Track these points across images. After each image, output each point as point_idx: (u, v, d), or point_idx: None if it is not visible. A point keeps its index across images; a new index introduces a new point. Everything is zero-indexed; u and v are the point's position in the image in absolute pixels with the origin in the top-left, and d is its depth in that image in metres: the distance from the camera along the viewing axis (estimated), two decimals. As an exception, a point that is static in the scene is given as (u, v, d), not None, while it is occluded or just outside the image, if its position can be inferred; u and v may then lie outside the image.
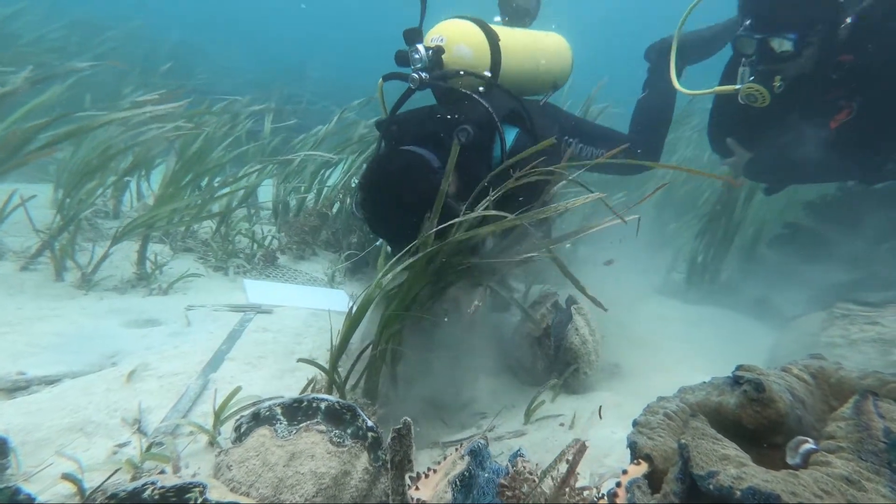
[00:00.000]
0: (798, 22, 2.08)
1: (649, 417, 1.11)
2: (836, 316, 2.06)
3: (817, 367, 1.06)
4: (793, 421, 0.95)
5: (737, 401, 1.00)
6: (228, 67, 9.91)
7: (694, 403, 1.10)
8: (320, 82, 10.57)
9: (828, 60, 2.22)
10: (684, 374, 2.25)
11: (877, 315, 1.96)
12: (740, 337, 2.80)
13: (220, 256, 3.20)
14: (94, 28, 8.39)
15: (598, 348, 2.12)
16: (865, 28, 2.12)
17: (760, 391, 0.96)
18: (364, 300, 1.74)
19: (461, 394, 2.12)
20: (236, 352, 1.97)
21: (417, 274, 1.73)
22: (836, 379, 1.03)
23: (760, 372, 1.03)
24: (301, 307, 2.55)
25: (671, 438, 1.05)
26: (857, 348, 1.90)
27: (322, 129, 4.94)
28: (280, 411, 1.41)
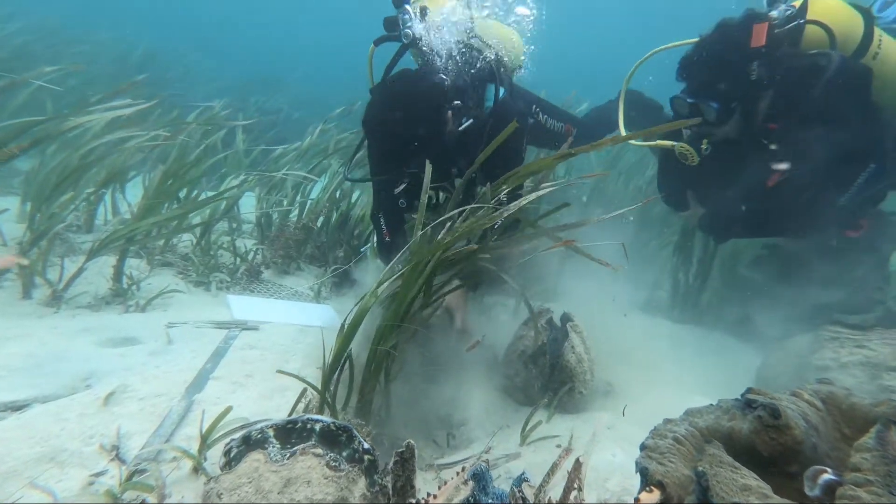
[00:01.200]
0: (718, 94, 2.26)
1: (658, 441, 1.07)
2: (826, 338, 2.09)
3: (827, 393, 1.04)
4: (808, 449, 0.93)
5: (751, 426, 0.97)
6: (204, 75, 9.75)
7: (704, 428, 1.07)
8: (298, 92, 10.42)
9: (755, 128, 2.39)
10: (677, 394, 2.26)
11: (863, 338, 2.00)
12: (727, 357, 2.84)
13: (202, 271, 3.10)
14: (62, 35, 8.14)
15: (594, 367, 2.10)
16: (784, 100, 2.30)
17: (776, 417, 0.94)
18: (358, 313, 1.69)
19: (454, 414, 2.07)
20: (222, 371, 1.88)
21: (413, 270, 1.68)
22: (848, 405, 1.01)
23: (772, 396, 1.01)
24: (288, 323, 2.47)
25: (683, 464, 1.02)
26: (848, 371, 1.92)
27: (305, 142, 4.90)
28: (272, 434, 1.34)
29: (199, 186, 4.00)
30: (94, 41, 8.60)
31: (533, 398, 2.12)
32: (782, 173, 2.40)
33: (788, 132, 2.34)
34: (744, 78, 2.23)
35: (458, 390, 2.16)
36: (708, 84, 2.29)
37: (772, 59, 2.23)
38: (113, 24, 10.69)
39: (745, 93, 2.28)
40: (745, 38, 2.20)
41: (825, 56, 2.27)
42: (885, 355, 1.87)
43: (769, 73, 2.24)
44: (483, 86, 2.54)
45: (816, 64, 2.26)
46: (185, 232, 3.37)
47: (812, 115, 2.29)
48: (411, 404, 2.04)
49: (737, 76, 2.24)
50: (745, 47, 2.20)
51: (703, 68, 2.31)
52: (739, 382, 2.53)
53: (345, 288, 3.29)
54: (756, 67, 2.22)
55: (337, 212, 3.74)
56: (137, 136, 3.42)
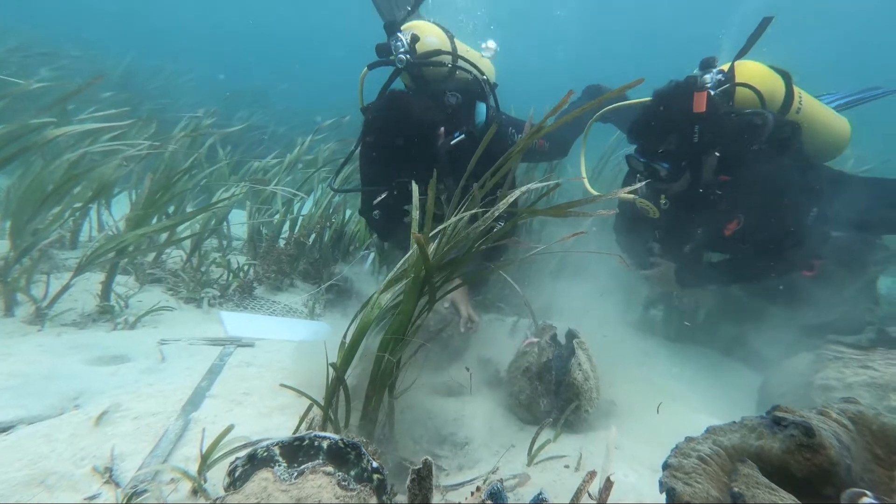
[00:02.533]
0: (667, 156, 2.45)
1: (682, 461, 1.04)
2: (829, 358, 2.09)
3: (856, 412, 1.02)
4: (843, 470, 0.90)
5: (783, 445, 0.94)
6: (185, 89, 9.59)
7: (729, 446, 1.04)
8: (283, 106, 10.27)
9: (706, 181, 2.56)
10: (681, 412, 2.24)
11: (866, 359, 2.00)
12: (725, 376, 2.85)
13: (193, 287, 3.02)
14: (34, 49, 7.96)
15: (599, 385, 2.08)
16: (730, 156, 2.49)
17: (810, 436, 0.91)
18: (360, 327, 1.65)
19: (458, 432, 2.02)
20: (218, 388, 1.81)
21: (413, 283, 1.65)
22: (879, 426, 0.99)
23: (800, 414, 0.99)
24: (283, 340, 2.40)
25: (710, 484, 0.97)
26: (854, 392, 1.92)
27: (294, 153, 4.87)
28: (279, 452, 1.28)
29: (187, 200, 3.95)
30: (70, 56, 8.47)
31: (538, 416, 2.08)
32: (738, 222, 2.57)
33: (738, 184, 2.53)
34: (689, 140, 2.40)
35: (462, 408, 2.11)
36: (657, 147, 2.47)
37: (712, 122, 2.40)
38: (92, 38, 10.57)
39: (692, 153, 2.45)
40: (688, 106, 2.37)
41: (759, 115, 2.48)
42: (890, 375, 1.88)
43: (712, 134, 2.41)
44: (473, 104, 2.69)
45: (752, 122, 2.46)
46: (174, 244, 3.30)
47: (756, 167, 2.48)
48: (414, 422, 1.99)
49: (682, 139, 2.41)
50: (688, 113, 2.37)
51: (651, 133, 2.50)
52: (741, 401, 2.55)
53: (339, 304, 3.24)
54: (698, 130, 2.39)
55: (330, 228, 3.71)
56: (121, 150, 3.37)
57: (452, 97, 2.51)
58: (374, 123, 2.39)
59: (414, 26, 2.67)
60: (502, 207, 1.70)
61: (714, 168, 2.54)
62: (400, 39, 2.44)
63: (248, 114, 8.07)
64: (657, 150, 2.47)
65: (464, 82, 2.71)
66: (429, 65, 2.55)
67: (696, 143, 2.42)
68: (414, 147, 2.29)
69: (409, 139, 2.29)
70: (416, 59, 2.50)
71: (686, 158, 2.46)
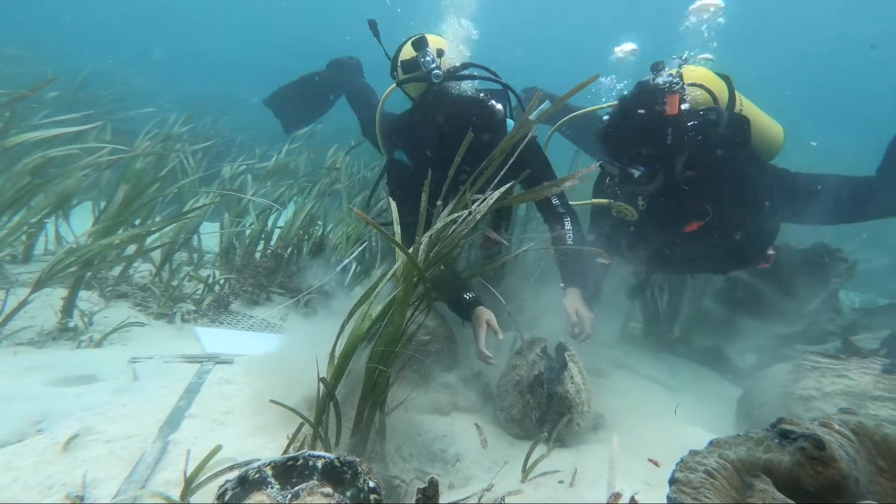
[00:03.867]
0: (642, 159, 2.53)
1: (689, 475, 1.02)
2: (807, 368, 2.15)
3: (856, 423, 1.03)
4: (852, 483, 0.90)
5: (793, 458, 0.94)
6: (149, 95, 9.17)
7: (736, 460, 1.03)
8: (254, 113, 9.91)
9: (676, 178, 2.67)
10: (669, 425, 2.26)
11: (842, 368, 2.06)
12: (706, 386, 2.91)
13: (164, 303, 2.87)
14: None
15: (590, 398, 2.08)
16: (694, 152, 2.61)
17: (821, 448, 0.91)
18: (350, 341, 1.60)
19: (448, 449, 1.97)
20: (197, 408, 1.70)
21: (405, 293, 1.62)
22: (881, 437, 1.00)
23: (807, 426, 0.99)
24: (262, 355, 2.30)
25: (719, 499, 0.96)
26: (832, 401, 1.97)
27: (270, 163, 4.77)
28: (271, 473, 1.21)
29: (156, 211, 3.78)
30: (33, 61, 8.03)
31: (529, 431, 2.06)
32: (704, 219, 2.69)
33: (703, 178, 2.64)
34: (663, 142, 2.49)
35: (452, 424, 2.06)
36: (632, 151, 2.53)
37: (682, 123, 2.50)
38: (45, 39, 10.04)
39: (665, 154, 2.54)
40: (661, 109, 2.45)
41: (714, 111, 2.61)
42: (865, 384, 1.95)
43: (680, 134, 2.51)
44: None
45: (709, 118, 2.57)
46: (142, 255, 3.14)
47: (717, 161, 2.60)
48: (404, 438, 1.93)
49: (656, 142, 2.49)
50: (661, 116, 2.46)
51: (625, 138, 2.55)
52: (722, 412, 2.59)
53: (317, 317, 3.14)
54: (671, 132, 2.48)
55: (308, 240, 3.62)
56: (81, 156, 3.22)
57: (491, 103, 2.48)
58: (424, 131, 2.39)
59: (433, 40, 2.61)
60: (483, 210, 1.70)
61: (683, 163, 2.63)
62: (430, 55, 2.40)
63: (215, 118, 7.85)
64: (632, 154, 2.52)
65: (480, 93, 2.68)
66: (461, 78, 2.53)
67: (669, 144, 2.49)
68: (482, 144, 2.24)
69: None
70: (449, 74, 2.47)
71: (660, 160, 2.53)
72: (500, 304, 2.07)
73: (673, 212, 2.72)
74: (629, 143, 2.53)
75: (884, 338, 3.02)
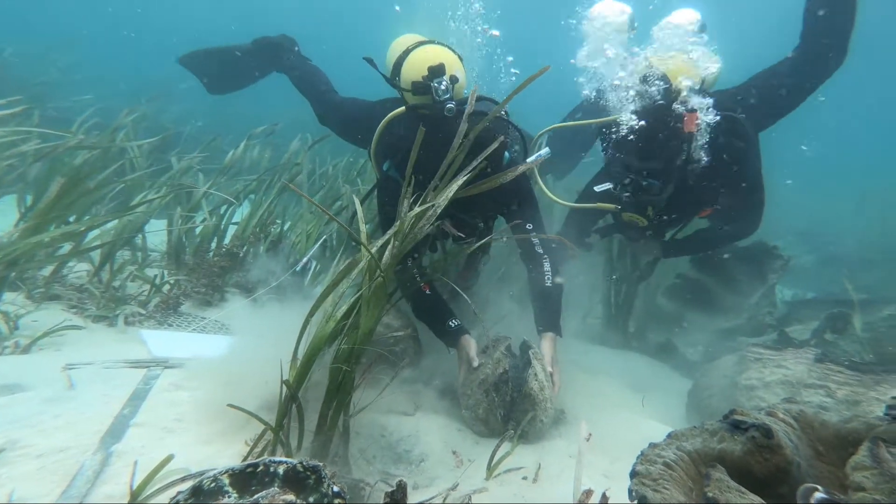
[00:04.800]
0: (659, 173, 2.59)
1: (649, 468, 1.04)
2: (750, 359, 2.28)
3: (798, 412, 1.08)
4: (796, 468, 0.95)
5: (744, 448, 0.98)
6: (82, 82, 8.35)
7: (692, 451, 1.06)
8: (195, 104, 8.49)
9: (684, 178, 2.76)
10: (627, 417, 2.33)
11: (780, 358, 2.20)
12: (660, 380, 3.03)
13: (104, 304, 2.67)
14: None
15: (553, 395, 2.11)
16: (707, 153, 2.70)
17: (770, 437, 0.94)
18: (315, 343, 1.55)
19: (413, 450, 1.94)
20: (145, 416, 1.59)
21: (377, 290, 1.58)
22: (820, 423, 1.05)
23: (756, 416, 1.03)
24: (215, 358, 2.18)
25: (677, 490, 0.99)
26: (772, 390, 2.11)
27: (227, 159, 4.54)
28: (228, 482, 1.14)
29: (97, 207, 3.51)
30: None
31: (495, 429, 2.07)
32: (713, 208, 2.83)
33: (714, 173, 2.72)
34: (678, 157, 2.57)
35: (416, 424, 2.04)
36: (649, 166, 2.56)
37: (693, 138, 2.58)
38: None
39: (680, 168, 2.62)
40: (680, 127, 2.50)
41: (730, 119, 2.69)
42: (800, 373, 2.09)
43: (695, 148, 2.60)
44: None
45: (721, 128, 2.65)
46: (81, 254, 2.90)
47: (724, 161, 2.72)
48: (368, 440, 1.89)
49: (672, 157, 2.56)
50: (678, 134, 2.52)
51: (642, 155, 2.57)
52: (673, 404, 2.71)
53: (275, 317, 3.02)
54: (686, 147, 2.57)
55: (265, 238, 3.48)
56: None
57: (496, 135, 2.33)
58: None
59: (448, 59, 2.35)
60: (443, 203, 1.69)
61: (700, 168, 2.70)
62: (444, 82, 2.21)
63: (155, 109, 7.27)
64: (646, 170, 2.55)
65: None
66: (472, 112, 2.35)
67: (685, 159, 2.58)
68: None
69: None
70: (460, 106, 2.22)
71: (674, 174, 2.59)
72: (466, 304, 2.07)
73: (685, 208, 2.86)
74: (645, 159, 2.55)
75: (813, 329, 3.26)
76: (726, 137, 2.69)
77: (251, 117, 6.70)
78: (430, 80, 2.19)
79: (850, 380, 1.98)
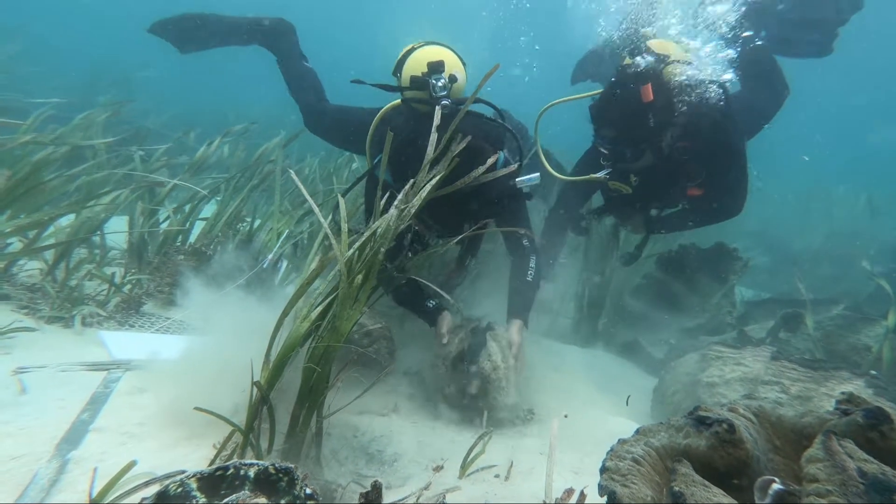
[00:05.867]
0: (628, 141, 2.72)
1: (618, 463, 1.07)
2: (712, 357, 2.38)
3: (757, 407, 1.12)
4: (755, 462, 0.99)
5: (708, 442, 1.01)
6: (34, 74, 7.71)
7: (659, 447, 1.09)
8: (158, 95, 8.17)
9: (669, 151, 2.85)
10: (595, 415, 2.39)
11: (740, 356, 2.30)
12: (628, 378, 3.12)
13: (59, 305, 2.53)
14: None
15: (511, 375, 2.17)
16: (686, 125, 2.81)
17: (732, 432, 0.98)
18: (289, 342, 1.52)
19: (386, 449, 1.94)
20: (105, 420, 1.52)
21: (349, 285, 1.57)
22: (776, 418, 1.10)
23: (719, 412, 1.07)
24: (181, 359, 2.10)
25: (645, 485, 1.02)
26: (731, 387, 2.20)
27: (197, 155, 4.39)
28: (195, 486, 1.11)
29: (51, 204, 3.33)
30: None
31: (456, 405, 2.15)
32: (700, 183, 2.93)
33: (698, 147, 2.83)
34: (645, 125, 2.66)
35: (389, 423, 2.03)
36: (618, 135, 2.69)
37: (662, 105, 2.66)
38: None
39: (649, 136, 2.71)
40: (637, 97, 2.60)
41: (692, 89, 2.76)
42: (757, 370, 2.20)
43: (663, 115, 2.68)
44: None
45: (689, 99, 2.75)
46: (32, 253, 2.75)
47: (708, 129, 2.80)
48: (339, 440, 1.87)
49: (638, 125, 2.66)
50: (639, 104, 2.61)
51: (609, 124, 2.71)
52: (640, 400, 2.79)
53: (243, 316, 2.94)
54: (651, 116, 2.65)
55: (235, 236, 3.39)
56: None
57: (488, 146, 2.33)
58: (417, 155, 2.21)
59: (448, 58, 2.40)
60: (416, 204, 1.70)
61: (675, 139, 2.79)
62: (442, 79, 2.27)
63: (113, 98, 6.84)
64: (618, 137, 2.67)
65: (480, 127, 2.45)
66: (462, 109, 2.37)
67: (650, 128, 2.65)
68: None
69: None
70: (455, 103, 2.29)
71: (645, 140, 2.69)
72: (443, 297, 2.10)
73: (666, 180, 2.92)
74: (613, 128, 2.68)
75: (769, 328, 3.43)
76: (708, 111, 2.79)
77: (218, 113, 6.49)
78: (428, 76, 2.24)
79: (803, 376, 2.09)
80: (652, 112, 2.64)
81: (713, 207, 3.09)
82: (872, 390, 1.97)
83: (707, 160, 2.87)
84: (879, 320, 3.08)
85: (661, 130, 2.74)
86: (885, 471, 0.82)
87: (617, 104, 2.67)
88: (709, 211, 3.14)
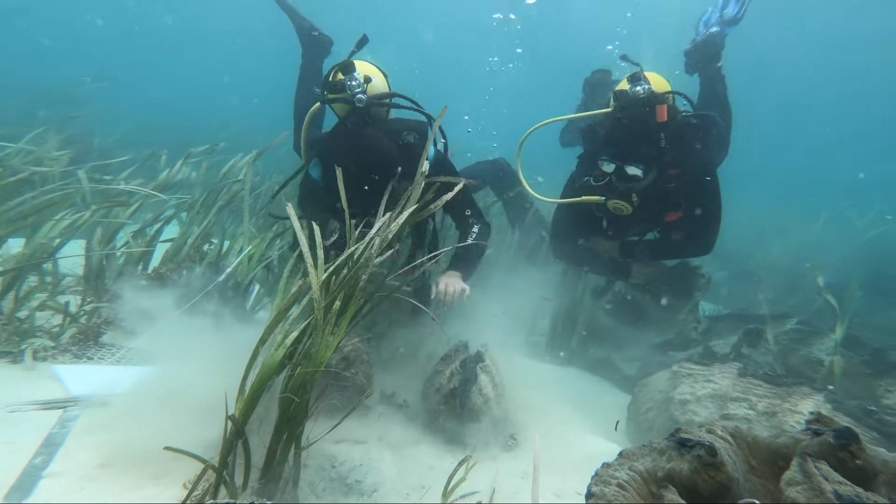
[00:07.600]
0: (642, 158, 2.91)
1: (604, 489, 1.07)
2: (683, 375, 2.43)
3: (734, 428, 1.14)
4: (735, 484, 1.00)
5: (691, 466, 1.01)
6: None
7: (643, 471, 1.09)
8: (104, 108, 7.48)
9: (663, 175, 3.07)
10: (574, 434, 2.40)
11: (709, 373, 2.37)
12: (602, 395, 3.16)
13: (7, 338, 2.36)
14: None
15: (502, 402, 2.21)
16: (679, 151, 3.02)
17: (713, 455, 0.99)
18: (264, 371, 1.47)
19: (365, 479, 1.88)
20: (61, 464, 1.41)
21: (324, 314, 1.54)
22: (752, 439, 1.11)
23: (698, 434, 1.08)
24: (147, 394, 1.99)
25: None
26: (702, 404, 2.25)
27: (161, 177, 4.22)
28: (167, 534, 1.04)
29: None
30: None
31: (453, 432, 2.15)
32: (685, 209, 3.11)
33: (686, 174, 3.05)
34: (657, 145, 2.87)
35: (369, 451, 1.98)
36: (633, 152, 2.89)
37: (671, 127, 2.88)
38: None
39: (658, 156, 2.91)
40: (652, 117, 2.82)
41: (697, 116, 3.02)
42: (725, 387, 2.27)
43: (670, 137, 2.89)
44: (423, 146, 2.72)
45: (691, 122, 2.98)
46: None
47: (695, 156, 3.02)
48: (316, 472, 1.80)
49: (652, 145, 2.87)
50: (654, 124, 2.82)
51: (626, 141, 2.90)
52: (616, 417, 2.82)
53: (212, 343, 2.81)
54: (664, 136, 2.86)
55: (202, 260, 3.26)
56: None
57: (410, 136, 2.54)
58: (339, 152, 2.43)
59: (361, 66, 2.69)
60: (395, 229, 1.75)
61: (669, 164, 2.99)
62: (356, 79, 2.47)
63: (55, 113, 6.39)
64: (632, 155, 2.86)
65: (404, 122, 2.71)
66: (383, 106, 2.61)
67: (662, 147, 2.86)
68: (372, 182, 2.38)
69: (370, 174, 2.38)
70: (372, 100, 2.51)
71: (653, 160, 2.89)
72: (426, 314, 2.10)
73: (659, 204, 3.09)
74: (630, 145, 2.88)
75: (733, 343, 3.57)
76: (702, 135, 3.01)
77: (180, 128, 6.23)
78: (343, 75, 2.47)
79: (768, 392, 2.18)
80: (664, 133, 2.85)
81: (685, 244, 3.28)
82: (831, 405, 2.07)
83: (689, 189, 3.07)
84: (829, 333, 3.26)
85: (667, 152, 2.94)
86: (859, 492, 0.85)
87: (632, 122, 2.85)
88: (680, 245, 3.33)
